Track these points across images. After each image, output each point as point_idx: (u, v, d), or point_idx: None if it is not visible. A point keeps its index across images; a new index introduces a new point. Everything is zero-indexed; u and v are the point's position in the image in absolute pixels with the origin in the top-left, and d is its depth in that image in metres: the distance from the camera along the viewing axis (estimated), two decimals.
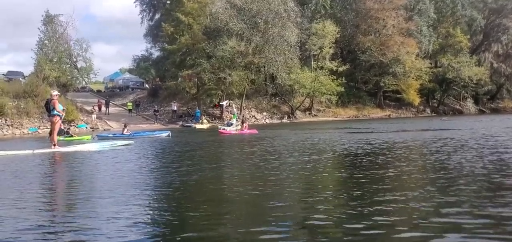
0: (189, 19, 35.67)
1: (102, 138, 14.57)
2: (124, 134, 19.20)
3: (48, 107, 12.22)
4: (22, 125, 26.83)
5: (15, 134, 25.24)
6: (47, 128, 25.39)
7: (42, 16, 38.82)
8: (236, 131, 20.96)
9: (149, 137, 17.30)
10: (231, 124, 25.98)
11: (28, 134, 25.21)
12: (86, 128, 16.32)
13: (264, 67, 39.87)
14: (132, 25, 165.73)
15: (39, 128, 26.64)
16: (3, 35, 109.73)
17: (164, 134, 18.51)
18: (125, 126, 21.43)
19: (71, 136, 17.83)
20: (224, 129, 22.88)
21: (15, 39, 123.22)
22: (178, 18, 35.83)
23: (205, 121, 32.70)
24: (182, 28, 36.04)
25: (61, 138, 17.67)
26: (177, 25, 36.51)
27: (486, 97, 63.38)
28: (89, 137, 13.84)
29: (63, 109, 12.93)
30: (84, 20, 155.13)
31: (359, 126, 24.93)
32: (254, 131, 20.46)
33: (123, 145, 12.70)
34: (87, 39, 42.56)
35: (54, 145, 11.82)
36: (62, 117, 12.77)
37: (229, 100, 36.10)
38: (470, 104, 59.66)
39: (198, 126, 30.58)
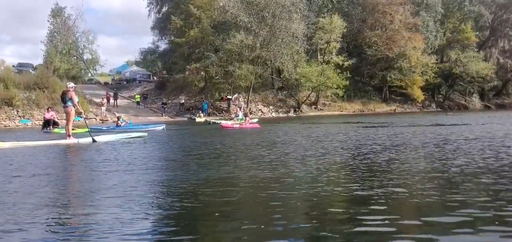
0: (200, 12, 35.90)
1: (96, 131, 14.54)
2: (118, 127, 19.34)
3: (64, 98, 12.51)
4: (33, 116, 27.34)
5: (27, 125, 25.78)
6: (39, 121, 25.98)
7: (52, 8, 39.33)
8: (239, 124, 20.81)
9: (144, 130, 16.44)
10: (238, 116, 26.31)
11: (20, 125, 25.48)
12: (81, 120, 16.68)
13: (271, 61, 40.14)
14: (132, 18, 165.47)
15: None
16: (6, 27, 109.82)
17: (159, 128, 18.44)
18: (118, 119, 21.59)
19: (72, 129, 18.05)
20: (214, 122, 22.97)
21: (18, 31, 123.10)
22: (188, 11, 36.08)
23: (202, 114, 33.01)
24: (192, 21, 36.32)
25: (57, 130, 17.99)
26: (187, 18, 36.78)
27: (492, 93, 63.25)
28: (85, 129, 14.08)
29: (78, 101, 13.28)
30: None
31: (369, 120, 25.01)
32: (256, 125, 20.42)
33: (137, 137, 13.07)
34: (93, 31, 42.91)
35: (69, 136, 12.10)
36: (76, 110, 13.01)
37: (237, 94, 36.39)
38: (475, 100, 59.61)
39: (197, 119, 30.96)
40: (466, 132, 13.12)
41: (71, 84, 13.09)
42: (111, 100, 39.14)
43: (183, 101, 38.92)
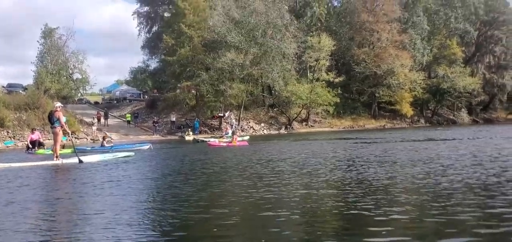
0: (191, 31, 36.31)
1: (81, 151, 14.38)
2: (104, 146, 19.20)
3: (51, 119, 12.39)
4: (23, 137, 27.21)
5: (17, 146, 25.67)
6: (22, 142, 25.82)
7: (42, 29, 39.55)
8: (226, 143, 20.75)
9: (130, 150, 16.24)
10: (228, 134, 26.48)
11: (6, 147, 24.86)
12: (67, 140, 16.60)
13: (262, 78, 40.55)
14: (120, 37, 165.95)
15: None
16: None
17: (145, 146, 18.25)
18: (103, 138, 21.42)
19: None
20: (202, 140, 23.06)
21: (4, 51, 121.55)
22: (180, 30, 36.47)
23: (190, 133, 33.14)
24: (183, 40, 36.70)
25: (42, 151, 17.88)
26: (178, 37, 37.16)
27: (479, 107, 64.16)
28: (70, 150, 14.08)
29: (65, 121, 13.27)
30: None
31: (360, 136, 25.21)
32: (245, 143, 20.46)
33: (124, 157, 13.18)
34: (82, 50, 42.89)
35: (57, 157, 11.95)
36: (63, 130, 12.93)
37: (229, 112, 36.55)
38: (464, 115, 60.36)
39: (186, 138, 31.07)
40: (458, 147, 13.44)
41: (58, 104, 13.04)
42: (102, 120, 39.19)
43: (174, 119, 39.01)
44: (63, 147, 16.74)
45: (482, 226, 3.69)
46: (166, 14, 49.55)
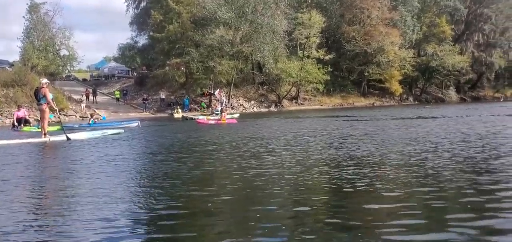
0: (179, 7, 35.77)
1: (68, 129, 14.17)
2: (89, 125, 19.11)
3: (38, 96, 12.23)
4: (11, 114, 26.82)
5: (5, 123, 25.36)
6: (9, 119, 25.44)
7: (27, 4, 38.56)
8: (214, 120, 20.69)
9: (118, 127, 16.07)
10: (217, 111, 26.43)
11: None
12: (54, 117, 16.43)
13: (252, 55, 40.27)
14: (108, 13, 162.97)
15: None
16: None
17: (134, 124, 18.29)
18: (91, 116, 21.59)
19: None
20: (190, 118, 23.00)
21: None
22: (168, 6, 35.92)
23: (179, 110, 33.02)
24: (171, 16, 36.17)
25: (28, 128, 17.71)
26: (166, 13, 36.61)
27: (467, 86, 64.78)
28: (57, 127, 13.90)
29: (52, 98, 13.05)
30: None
31: (350, 114, 25.24)
32: (233, 121, 20.35)
33: (113, 134, 13.07)
34: (69, 27, 41.80)
35: (45, 135, 11.84)
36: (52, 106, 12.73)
37: (219, 89, 36.38)
38: (452, 93, 60.98)
39: (175, 115, 30.93)
40: (447, 124, 13.56)
41: (44, 81, 12.82)
42: (91, 97, 38.79)
43: (163, 97, 38.77)
44: (58, 122, 16.60)
45: (473, 202, 3.71)
46: None
